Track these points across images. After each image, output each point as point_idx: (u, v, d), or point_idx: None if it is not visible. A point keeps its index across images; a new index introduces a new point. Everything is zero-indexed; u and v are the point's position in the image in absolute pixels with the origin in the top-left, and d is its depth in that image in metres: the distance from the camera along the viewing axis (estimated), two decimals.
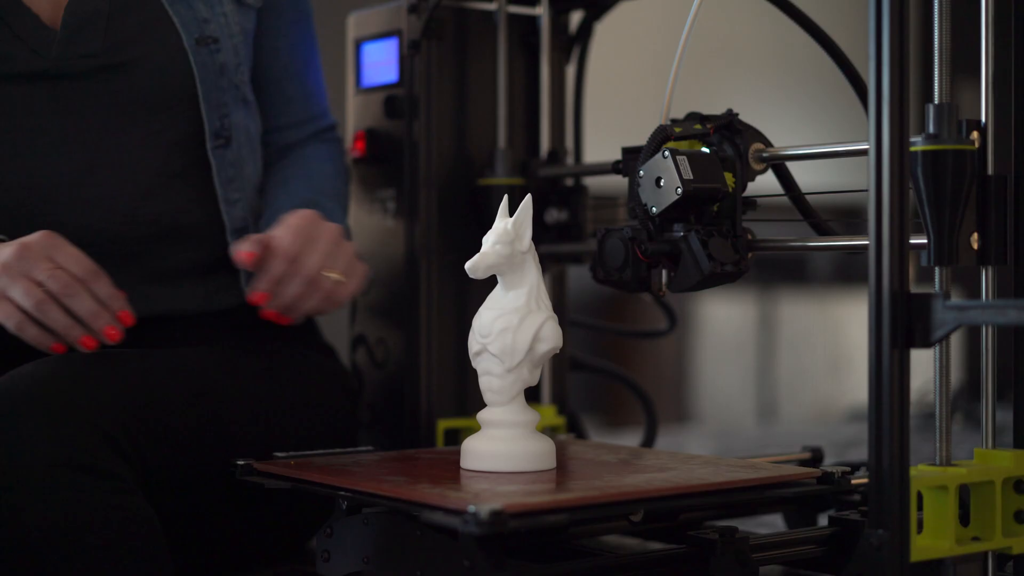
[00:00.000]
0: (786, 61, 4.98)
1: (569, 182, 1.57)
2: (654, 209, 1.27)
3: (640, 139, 1.31)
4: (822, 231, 1.35)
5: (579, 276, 1.60)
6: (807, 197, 1.35)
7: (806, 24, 1.36)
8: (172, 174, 1.40)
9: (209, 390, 1.29)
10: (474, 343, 1.23)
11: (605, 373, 1.70)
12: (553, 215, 1.55)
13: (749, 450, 2.84)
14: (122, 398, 1.19)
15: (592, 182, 1.58)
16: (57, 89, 1.34)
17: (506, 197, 1.23)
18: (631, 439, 1.72)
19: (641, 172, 1.28)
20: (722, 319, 5.22)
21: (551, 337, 1.22)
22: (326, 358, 1.51)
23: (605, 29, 1.68)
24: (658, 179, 1.27)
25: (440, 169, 1.54)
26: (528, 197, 1.21)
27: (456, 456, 1.24)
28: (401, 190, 1.54)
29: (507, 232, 1.21)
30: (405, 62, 1.53)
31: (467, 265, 1.22)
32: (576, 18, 1.64)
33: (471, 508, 0.99)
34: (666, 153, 1.26)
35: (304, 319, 1.39)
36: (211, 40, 1.40)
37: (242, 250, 1.28)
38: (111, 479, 1.14)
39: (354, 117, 1.60)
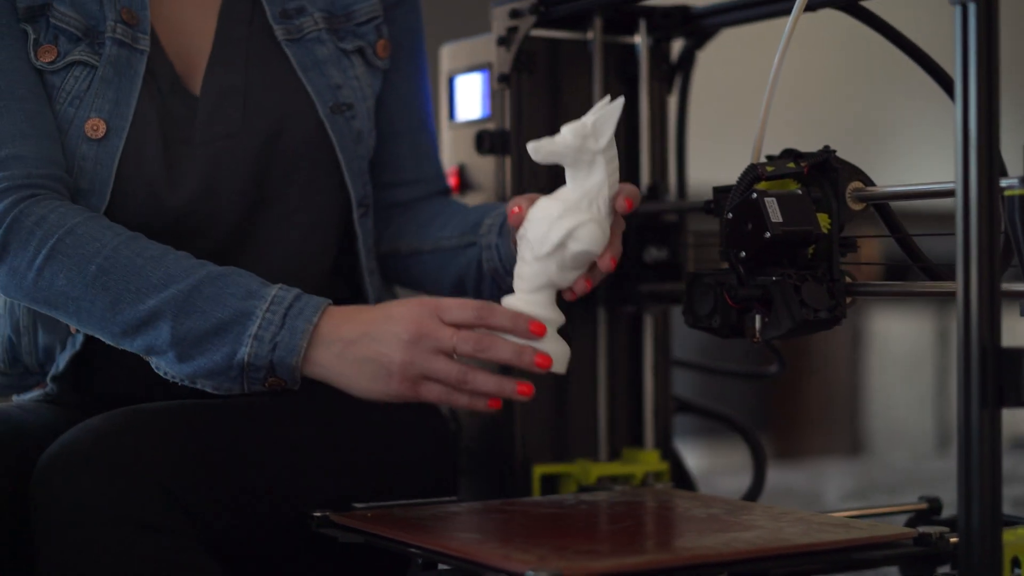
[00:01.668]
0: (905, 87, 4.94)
1: (672, 218, 1.59)
2: (743, 253, 1.29)
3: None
4: (933, 275, 1.34)
5: None
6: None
7: (905, 45, 1.36)
8: (309, 254, 1.46)
9: (284, 440, 1.34)
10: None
11: (712, 415, 1.71)
12: (652, 253, 1.57)
13: (896, 486, 2.81)
14: (189, 453, 1.25)
15: (696, 218, 1.59)
16: (197, 166, 1.41)
17: (608, 96, 1.26)
18: (797, 469, 1.71)
19: (729, 214, 1.30)
20: (897, 335, 5.14)
21: (586, 239, 1.24)
22: (422, 405, 1.55)
23: (714, 54, 1.70)
24: (746, 222, 1.28)
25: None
26: (620, 99, 1.25)
27: (539, 509, 1.28)
28: None
29: (584, 126, 1.24)
30: (495, 96, 1.57)
31: (530, 144, 1.26)
32: (677, 46, 1.66)
33: (529, 573, 1.02)
34: (754, 195, 1.28)
35: None
36: (346, 107, 1.45)
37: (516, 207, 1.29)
38: (173, 536, 1.19)
39: (448, 152, 1.65)
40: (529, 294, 1.27)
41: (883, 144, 5.44)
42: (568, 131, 1.24)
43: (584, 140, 1.24)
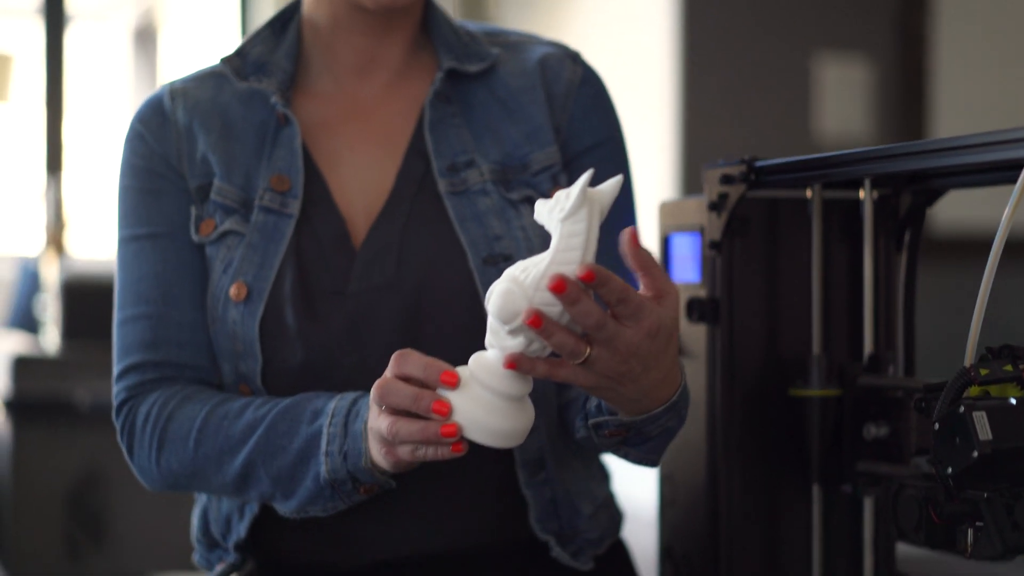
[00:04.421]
0: None
1: (897, 393, 1.51)
2: (950, 469, 1.22)
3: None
4: None
5: None
6: None
7: None
8: None
9: None
10: None
11: None
12: (872, 430, 1.50)
13: None
14: None
15: None
16: (349, 318, 1.45)
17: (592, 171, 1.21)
18: None
19: (936, 424, 1.23)
20: None
21: (492, 302, 1.19)
22: None
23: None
24: (953, 436, 1.21)
25: (746, 377, 1.52)
26: (616, 180, 1.22)
27: None
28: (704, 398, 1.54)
29: (560, 193, 1.20)
30: (707, 263, 1.53)
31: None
32: (906, 201, 1.58)
33: None
34: (961, 408, 1.21)
35: None
36: (502, 258, 1.45)
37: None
38: None
39: None
40: (487, 352, 1.23)
41: None
42: (553, 198, 1.21)
43: (554, 206, 1.20)
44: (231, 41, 5.72)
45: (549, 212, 1.21)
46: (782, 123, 3.72)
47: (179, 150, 1.51)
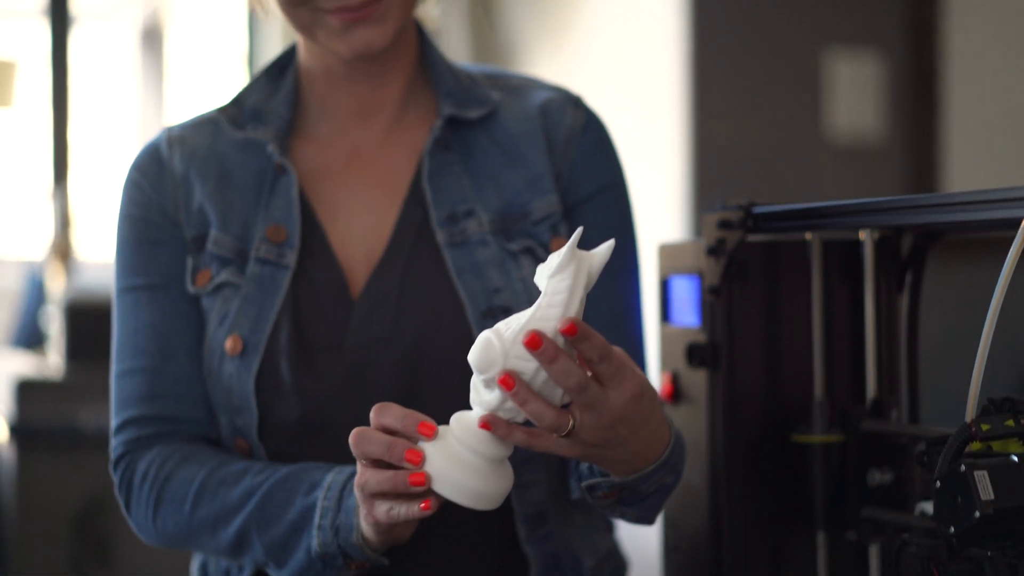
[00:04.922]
0: None
1: (901, 439, 1.50)
2: (952, 529, 1.21)
3: None
4: None
5: None
6: None
7: None
8: None
9: None
10: None
11: None
12: (876, 476, 1.49)
13: None
14: None
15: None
16: (347, 372, 1.44)
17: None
18: None
19: (938, 483, 1.23)
20: None
21: (471, 352, 1.20)
22: None
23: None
24: (955, 495, 1.21)
25: (747, 422, 1.52)
26: (609, 244, 1.21)
27: None
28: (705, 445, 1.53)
29: (551, 255, 1.20)
30: (706, 307, 1.52)
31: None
32: (907, 242, 1.57)
33: None
34: (963, 467, 1.20)
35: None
36: (501, 311, 1.44)
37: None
38: None
39: (662, 357, 1.61)
40: (473, 410, 1.23)
41: None
42: (548, 259, 1.21)
43: (546, 265, 1.20)
44: (238, 39, 5.69)
45: (541, 271, 1.22)
46: (793, 120, 3.71)
47: (176, 199, 1.50)
